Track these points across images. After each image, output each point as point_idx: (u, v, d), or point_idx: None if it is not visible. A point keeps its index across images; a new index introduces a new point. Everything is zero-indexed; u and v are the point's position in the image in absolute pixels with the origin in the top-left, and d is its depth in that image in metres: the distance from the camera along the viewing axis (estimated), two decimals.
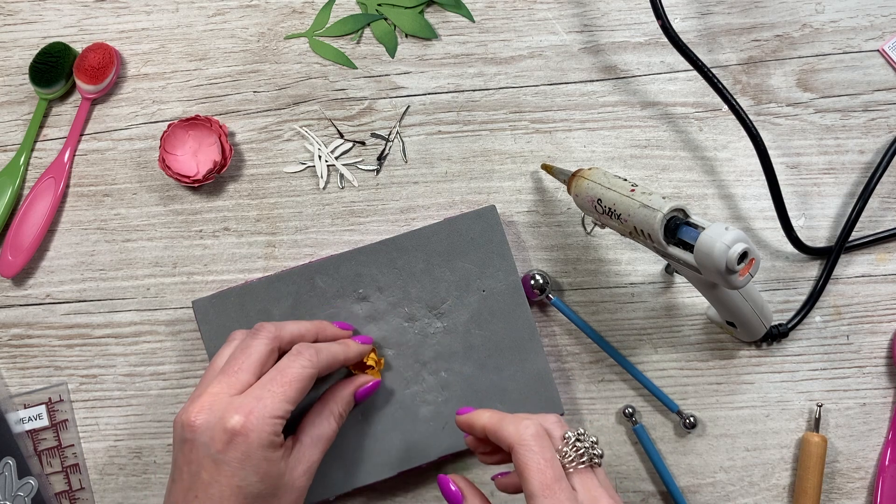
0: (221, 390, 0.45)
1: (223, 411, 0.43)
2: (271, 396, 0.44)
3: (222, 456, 0.43)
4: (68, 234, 0.59)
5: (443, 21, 0.60)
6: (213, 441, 0.43)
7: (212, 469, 0.43)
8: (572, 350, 0.57)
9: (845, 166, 0.59)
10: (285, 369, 0.46)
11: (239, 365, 0.46)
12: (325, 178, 0.59)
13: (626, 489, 0.56)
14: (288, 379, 0.45)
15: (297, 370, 0.46)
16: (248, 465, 0.43)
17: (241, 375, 0.45)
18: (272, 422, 0.44)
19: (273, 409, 0.44)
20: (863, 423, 0.57)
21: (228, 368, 0.46)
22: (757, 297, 0.51)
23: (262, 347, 0.47)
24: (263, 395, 0.44)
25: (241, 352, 0.47)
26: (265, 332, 0.47)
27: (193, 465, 0.43)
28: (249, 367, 0.46)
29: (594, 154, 0.59)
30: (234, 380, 0.45)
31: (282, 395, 0.45)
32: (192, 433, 0.44)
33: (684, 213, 0.46)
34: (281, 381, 0.45)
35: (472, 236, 0.55)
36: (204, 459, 0.43)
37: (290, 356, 0.47)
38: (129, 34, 0.61)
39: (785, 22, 0.60)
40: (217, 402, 0.44)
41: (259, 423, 0.43)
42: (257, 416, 0.43)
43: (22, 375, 0.57)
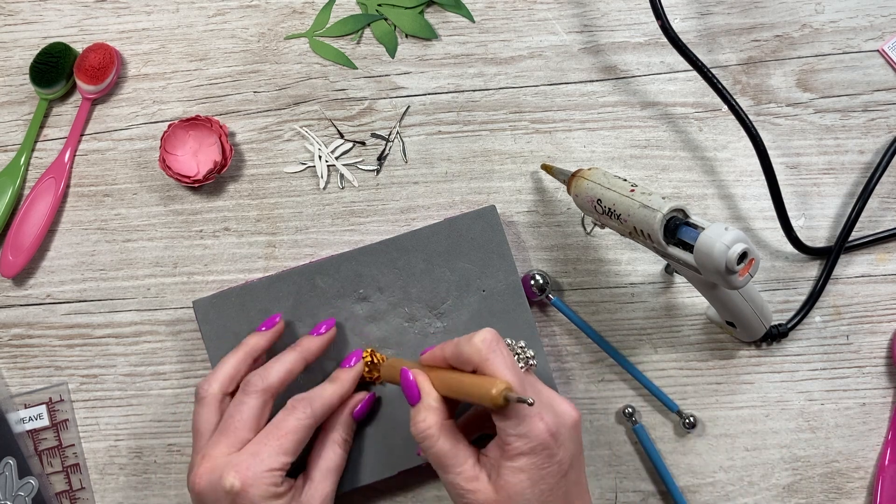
0: (220, 451, 0.46)
1: (222, 471, 0.45)
2: (267, 451, 0.45)
3: None
4: (69, 234, 0.59)
5: (443, 21, 0.60)
6: (218, 502, 0.45)
7: None
8: (572, 350, 0.57)
9: (845, 166, 0.59)
10: (281, 423, 0.47)
11: (235, 423, 0.47)
12: (326, 179, 0.59)
13: (626, 489, 0.56)
14: (283, 432, 0.46)
15: (292, 423, 0.47)
16: None
17: (239, 434, 0.46)
18: (269, 475, 0.45)
19: (269, 463, 0.45)
20: (862, 423, 0.57)
21: (226, 428, 0.47)
22: (757, 297, 0.51)
23: (255, 402, 0.47)
24: (259, 451, 0.45)
25: (235, 409, 0.47)
26: (253, 386, 0.48)
27: None
28: (245, 425, 0.47)
29: (594, 154, 0.59)
30: (232, 439, 0.46)
31: (278, 448, 0.46)
32: (199, 498, 0.45)
33: (684, 214, 0.46)
34: (277, 434, 0.46)
35: (472, 236, 0.55)
36: None
37: (285, 411, 0.48)
38: (130, 34, 0.61)
39: (785, 22, 0.60)
40: (216, 463, 0.45)
41: (256, 479, 0.44)
42: (254, 472, 0.45)
43: (22, 375, 0.57)
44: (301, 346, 0.51)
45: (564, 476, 0.43)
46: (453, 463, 0.43)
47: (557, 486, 0.42)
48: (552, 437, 0.42)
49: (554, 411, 0.43)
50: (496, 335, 0.44)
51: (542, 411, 0.42)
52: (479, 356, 0.43)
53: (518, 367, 0.44)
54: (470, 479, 0.43)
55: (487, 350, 0.43)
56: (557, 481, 0.42)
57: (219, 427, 0.47)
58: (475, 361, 0.43)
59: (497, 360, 0.43)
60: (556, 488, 0.42)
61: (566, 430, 0.43)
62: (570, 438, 0.43)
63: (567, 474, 0.43)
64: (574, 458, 0.44)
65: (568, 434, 0.43)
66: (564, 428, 0.43)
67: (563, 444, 0.43)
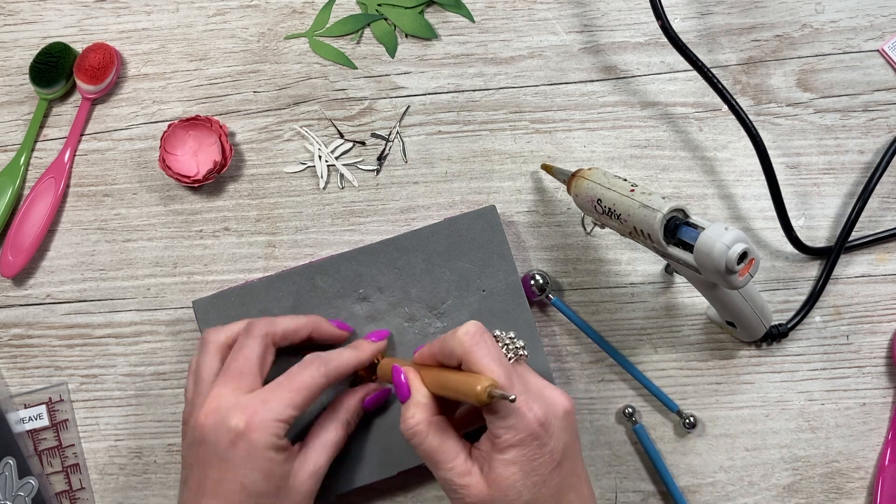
0: (226, 391, 0.45)
1: (229, 411, 0.44)
2: (277, 400, 0.45)
3: (228, 454, 0.44)
4: (68, 234, 0.59)
5: (443, 21, 0.60)
6: (219, 441, 0.44)
7: (219, 467, 0.44)
8: (572, 350, 0.57)
9: (845, 166, 0.59)
10: (294, 376, 0.47)
11: (239, 366, 0.47)
12: (326, 178, 0.59)
13: (626, 489, 0.56)
14: (296, 386, 0.46)
15: (306, 378, 0.47)
16: (252, 463, 0.44)
17: (245, 378, 0.46)
18: (275, 424, 0.44)
19: (277, 413, 0.45)
20: (862, 423, 0.57)
21: (229, 371, 0.47)
22: (757, 297, 0.51)
23: (257, 347, 0.47)
24: (269, 399, 0.45)
25: (238, 352, 0.47)
26: (256, 330, 0.48)
27: (203, 465, 0.45)
28: (251, 369, 0.47)
29: (594, 154, 0.59)
30: (238, 382, 0.46)
31: (287, 400, 0.45)
32: (202, 434, 0.45)
33: (684, 214, 0.46)
34: (288, 386, 0.46)
35: (472, 236, 0.55)
36: (212, 458, 0.44)
37: (300, 365, 0.47)
38: (130, 34, 0.61)
39: (785, 22, 0.60)
40: (223, 403, 0.45)
41: (262, 425, 0.44)
42: (261, 417, 0.44)
43: (22, 375, 0.57)
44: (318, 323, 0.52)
45: (558, 466, 0.42)
46: (444, 459, 0.43)
47: (550, 476, 0.42)
48: (542, 428, 0.41)
49: (544, 401, 0.43)
50: (480, 328, 0.43)
51: (531, 401, 0.42)
52: (463, 349, 0.43)
53: (505, 359, 0.43)
54: (462, 475, 0.43)
55: (471, 343, 0.42)
56: (550, 472, 0.42)
57: (223, 370, 0.47)
58: (459, 355, 0.43)
59: (481, 353, 0.42)
60: (550, 479, 0.42)
61: (557, 420, 0.43)
62: (562, 428, 0.43)
63: (561, 464, 0.42)
64: (567, 447, 0.43)
65: (559, 423, 0.43)
66: (555, 417, 0.42)
67: (555, 434, 0.42)
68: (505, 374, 0.42)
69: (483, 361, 0.42)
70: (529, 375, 0.45)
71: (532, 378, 0.45)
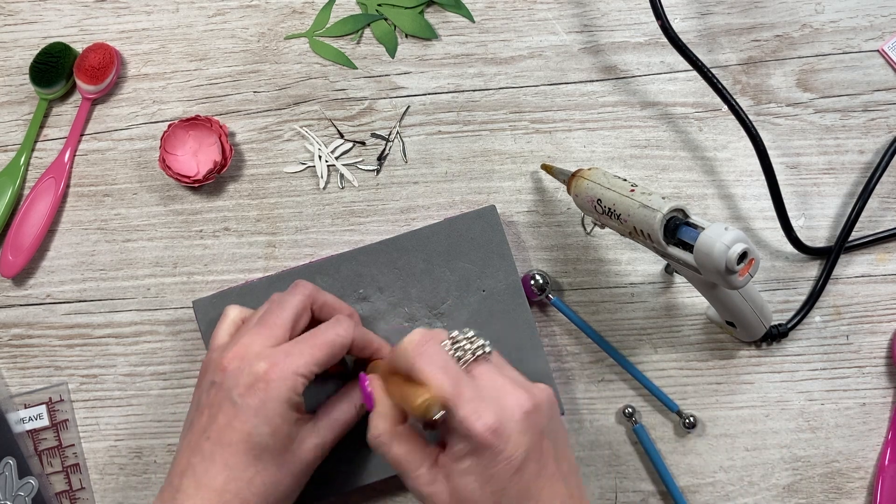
0: (254, 341, 0.45)
1: (253, 359, 0.44)
2: (300, 354, 0.45)
3: (241, 400, 0.43)
4: (68, 234, 0.59)
5: (443, 21, 0.60)
6: (237, 385, 0.44)
7: (230, 412, 0.44)
8: (572, 350, 0.57)
9: (845, 166, 0.59)
10: (320, 333, 0.46)
11: (273, 319, 0.46)
12: (326, 179, 0.59)
13: (626, 489, 0.56)
14: (320, 342, 0.46)
15: (331, 336, 0.46)
16: (262, 414, 0.43)
17: (275, 330, 0.46)
18: (294, 378, 0.44)
19: (298, 366, 0.44)
20: (862, 423, 0.57)
21: (263, 322, 0.46)
22: (757, 297, 0.51)
23: (297, 303, 0.47)
24: (292, 352, 0.45)
25: (276, 305, 0.47)
26: (303, 288, 0.48)
27: (214, 407, 0.44)
28: (284, 323, 0.46)
29: (594, 154, 0.59)
30: (268, 333, 0.46)
31: (310, 356, 0.45)
32: (222, 376, 0.45)
33: (684, 214, 0.46)
34: (313, 342, 0.46)
35: (472, 236, 0.55)
36: (224, 402, 0.44)
37: (328, 323, 0.47)
38: (130, 34, 0.61)
39: (785, 22, 0.60)
40: (249, 351, 0.45)
41: (281, 375, 0.44)
42: (282, 367, 0.44)
43: (22, 375, 0.57)
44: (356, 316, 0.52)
45: (518, 471, 0.40)
46: (409, 468, 0.43)
47: (511, 483, 0.40)
48: (493, 435, 0.40)
49: (498, 405, 0.41)
50: (425, 336, 0.43)
51: (482, 409, 0.40)
52: (407, 361, 0.42)
53: (452, 366, 0.42)
54: (427, 483, 0.42)
55: (414, 354, 0.42)
56: (510, 479, 0.40)
57: (258, 319, 0.47)
58: (405, 367, 0.42)
59: (423, 363, 0.41)
60: (511, 485, 0.40)
61: (514, 424, 0.40)
62: (521, 431, 0.40)
63: (522, 469, 0.40)
64: (530, 450, 0.41)
65: (517, 427, 0.40)
66: (511, 422, 0.40)
67: (511, 440, 0.40)
68: (451, 382, 0.40)
69: (426, 372, 0.41)
70: (490, 376, 0.43)
71: (492, 379, 0.42)
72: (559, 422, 0.44)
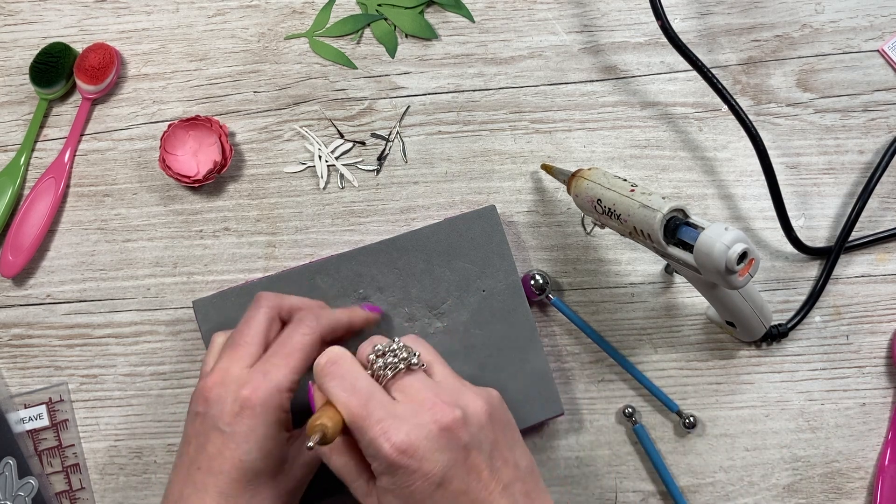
0: (231, 364, 0.45)
1: (234, 384, 0.44)
2: (276, 369, 0.44)
3: (229, 428, 0.43)
4: (68, 234, 0.59)
5: (443, 21, 0.60)
6: (222, 413, 0.43)
7: (218, 441, 0.43)
8: (572, 350, 0.57)
9: (845, 166, 0.59)
10: (286, 340, 0.46)
11: (244, 338, 0.46)
12: (326, 179, 0.59)
13: (626, 489, 0.56)
14: (289, 350, 0.45)
15: (298, 339, 0.46)
16: (253, 438, 0.43)
17: (249, 348, 0.46)
18: (279, 395, 0.44)
19: (279, 382, 0.44)
20: (862, 423, 0.57)
21: (234, 342, 0.46)
22: (757, 297, 0.51)
23: (262, 317, 0.47)
24: (269, 370, 0.44)
25: (243, 324, 0.47)
26: (265, 300, 0.48)
27: (202, 437, 0.44)
28: (254, 339, 0.46)
29: (594, 154, 0.59)
30: (242, 353, 0.45)
31: (285, 367, 0.45)
32: (205, 406, 0.44)
33: (684, 214, 0.46)
34: (283, 352, 0.45)
35: (472, 236, 0.55)
36: (212, 432, 0.44)
37: (291, 326, 0.47)
38: (130, 34, 0.61)
39: (785, 22, 0.60)
40: (228, 376, 0.44)
41: (266, 397, 0.43)
42: (264, 390, 0.44)
43: (22, 375, 0.57)
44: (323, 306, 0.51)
45: (441, 488, 0.39)
46: (348, 479, 0.42)
47: (433, 500, 0.39)
48: (403, 455, 0.39)
49: (413, 423, 0.39)
50: (336, 354, 0.42)
51: (391, 429, 0.39)
52: (318, 382, 0.42)
53: (364, 385, 0.41)
54: (365, 495, 0.42)
55: (321, 375, 0.42)
56: (431, 495, 0.39)
57: (227, 342, 0.46)
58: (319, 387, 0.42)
59: (330, 384, 0.41)
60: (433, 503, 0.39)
61: (427, 442, 0.39)
62: (439, 448, 0.39)
63: (445, 486, 0.39)
64: (451, 466, 0.39)
65: (432, 444, 0.39)
66: (425, 440, 0.39)
67: (425, 458, 0.39)
68: (358, 401, 0.40)
69: (331, 392, 0.41)
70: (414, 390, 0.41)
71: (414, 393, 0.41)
72: (501, 428, 0.43)
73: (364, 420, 0.40)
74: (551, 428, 0.56)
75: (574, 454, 0.56)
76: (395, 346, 0.43)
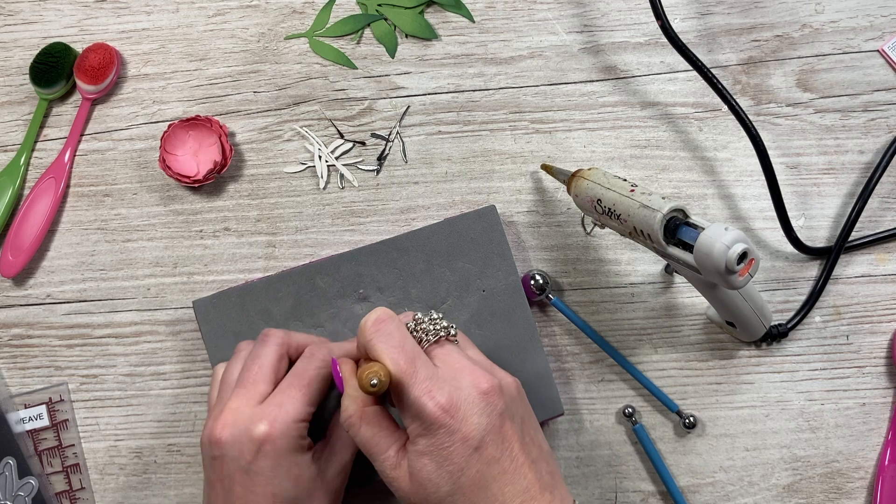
0: (241, 404, 0.45)
1: (247, 423, 0.44)
2: (291, 401, 0.45)
3: (253, 466, 0.43)
4: (68, 234, 0.59)
5: (443, 21, 0.60)
6: (242, 454, 0.43)
7: (245, 481, 0.43)
8: (572, 350, 0.57)
9: (845, 166, 0.59)
10: (301, 373, 0.46)
11: (253, 375, 0.46)
12: (326, 179, 0.59)
13: (626, 489, 0.56)
14: (305, 382, 0.46)
15: (313, 371, 0.46)
16: (280, 471, 0.43)
17: (258, 386, 0.45)
18: (296, 426, 0.44)
19: (295, 414, 0.44)
20: (862, 423, 0.57)
21: (244, 380, 0.46)
22: (757, 297, 0.51)
23: (272, 353, 0.47)
24: (284, 402, 0.45)
25: (252, 362, 0.47)
26: (273, 337, 0.48)
27: (226, 480, 0.44)
28: (264, 377, 0.46)
29: (594, 154, 0.59)
30: (252, 391, 0.45)
31: (301, 399, 0.45)
32: (220, 449, 0.44)
33: (684, 214, 0.46)
34: (299, 384, 0.46)
35: (472, 236, 0.55)
36: (236, 473, 0.44)
37: (304, 359, 0.47)
38: (130, 34, 0.61)
39: (785, 22, 0.60)
40: (240, 416, 0.44)
41: (284, 429, 0.44)
42: (281, 422, 0.44)
43: (22, 375, 0.57)
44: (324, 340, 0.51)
45: (477, 452, 0.40)
46: (376, 451, 0.42)
47: (469, 464, 0.40)
48: (446, 414, 0.39)
49: (453, 385, 0.40)
50: (384, 314, 0.42)
51: (435, 388, 0.40)
52: (364, 339, 0.42)
53: (410, 344, 0.41)
54: (393, 467, 0.42)
55: (371, 331, 0.42)
56: (467, 459, 0.40)
57: (238, 380, 0.46)
58: (363, 345, 0.42)
59: (379, 340, 0.41)
60: (468, 467, 0.40)
61: (468, 404, 0.40)
62: (477, 412, 0.40)
63: (481, 450, 0.40)
64: (489, 431, 0.40)
65: (472, 408, 0.40)
66: (466, 402, 0.40)
67: (465, 419, 0.40)
68: (405, 359, 0.40)
69: (379, 349, 0.41)
70: (451, 357, 0.43)
71: (452, 360, 0.42)
72: (527, 408, 0.44)
73: (411, 377, 0.40)
74: (551, 428, 0.56)
75: (574, 454, 0.56)
76: (435, 315, 0.44)
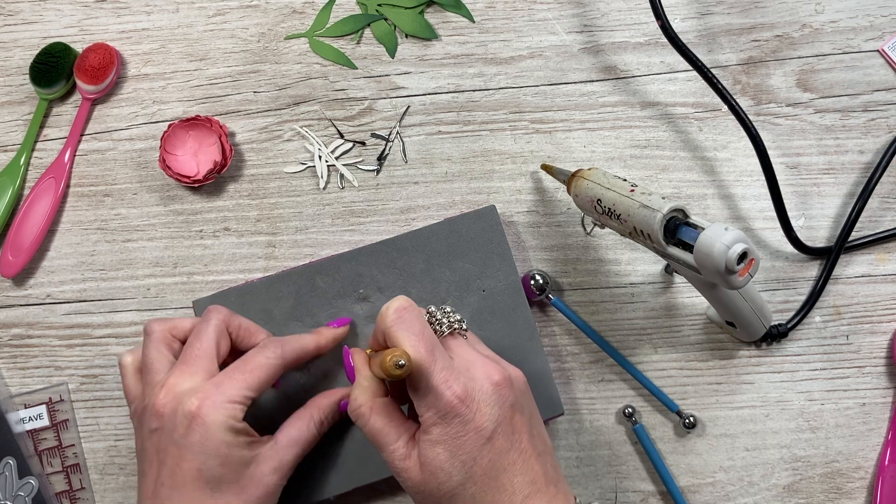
0: (180, 379, 0.45)
1: (184, 396, 0.44)
2: (230, 382, 0.45)
3: (183, 440, 0.43)
4: (69, 234, 0.59)
5: (443, 21, 0.60)
6: (175, 427, 0.44)
7: (175, 454, 0.44)
8: (572, 350, 0.57)
9: (845, 166, 0.59)
10: (249, 359, 0.47)
11: (194, 352, 0.46)
12: (326, 179, 0.59)
13: (626, 489, 0.56)
14: (249, 367, 0.46)
15: (260, 359, 0.47)
16: (208, 447, 0.43)
17: (199, 362, 0.46)
18: (229, 406, 0.44)
19: (230, 394, 0.44)
20: (862, 423, 0.57)
21: (186, 357, 0.46)
22: (757, 297, 0.51)
23: (213, 329, 0.47)
24: (223, 381, 0.45)
25: (193, 338, 0.47)
26: (215, 312, 0.48)
27: (161, 452, 0.44)
28: (206, 353, 0.46)
29: (594, 154, 0.59)
30: (193, 367, 0.46)
31: (241, 382, 0.45)
32: (160, 422, 0.44)
33: (684, 214, 0.46)
34: (242, 368, 0.46)
35: (472, 236, 0.55)
36: (169, 446, 0.44)
37: (256, 349, 0.48)
38: (130, 34, 0.61)
39: (785, 22, 0.60)
40: (179, 390, 0.45)
41: (214, 406, 0.44)
42: (213, 399, 0.44)
43: (22, 375, 0.57)
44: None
45: (489, 442, 0.41)
46: (385, 441, 0.43)
47: (481, 454, 0.40)
48: (462, 403, 0.40)
49: (468, 376, 0.41)
50: (405, 303, 0.43)
51: (451, 377, 0.41)
52: (385, 325, 0.42)
53: (428, 333, 0.42)
54: (402, 458, 0.42)
55: (393, 319, 0.42)
56: (480, 449, 0.40)
57: (180, 358, 0.46)
58: (384, 332, 0.42)
59: (401, 327, 0.42)
60: (481, 457, 0.40)
61: (483, 395, 0.41)
62: (491, 403, 0.41)
63: (493, 441, 0.41)
64: (500, 422, 0.41)
65: (486, 399, 0.41)
66: (480, 392, 0.41)
67: (480, 410, 0.40)
68: (426, 347, 0.41)
69: (401, 336, 0.41)
70: (463, 350, 0.44)
71: (464, 352, 0.43)
72: (532, 403, 0.45)
73: (431, 365, 0.41)
74: (551, 428, 0.56)
75: (574, 454, 0.56)
76: (448, 308, 0.45)
